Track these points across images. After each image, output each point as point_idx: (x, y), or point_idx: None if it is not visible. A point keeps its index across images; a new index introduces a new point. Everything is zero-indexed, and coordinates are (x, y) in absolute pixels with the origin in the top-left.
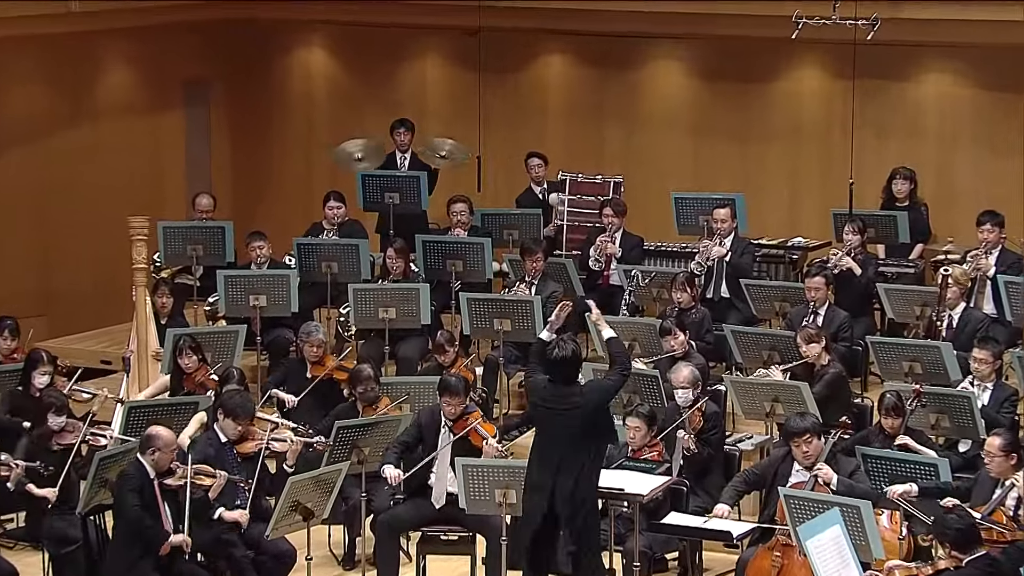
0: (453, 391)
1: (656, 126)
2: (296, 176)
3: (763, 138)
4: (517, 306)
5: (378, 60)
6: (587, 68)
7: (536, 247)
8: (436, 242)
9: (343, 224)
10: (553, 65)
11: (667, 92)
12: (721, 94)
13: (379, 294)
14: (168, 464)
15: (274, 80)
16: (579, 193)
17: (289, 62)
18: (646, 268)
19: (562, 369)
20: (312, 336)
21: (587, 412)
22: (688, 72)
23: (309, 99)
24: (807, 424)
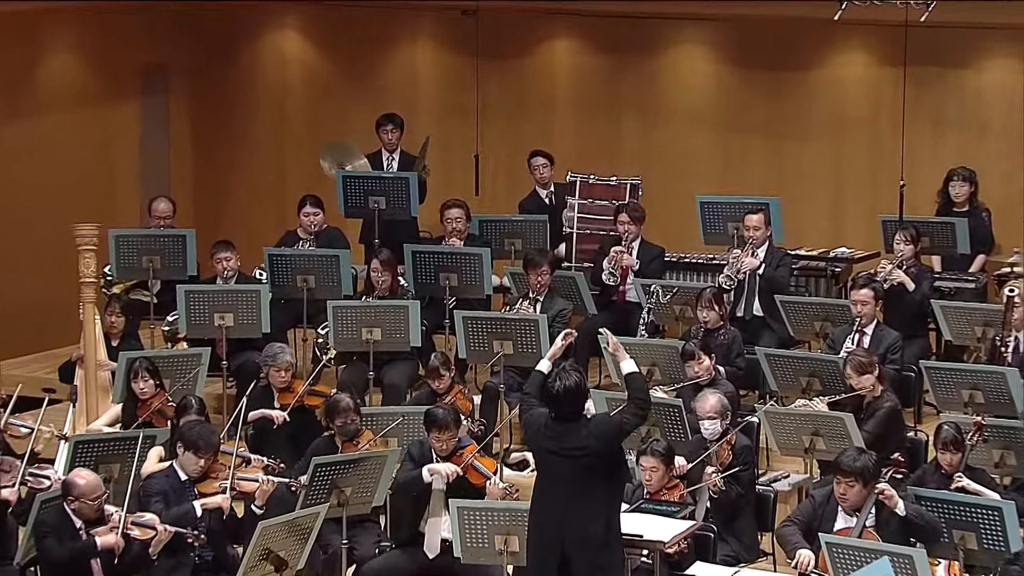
0: (441, 425)
1: (679, 120)
2: (268, 177)
3: (801, 134)
4: (520, 326)
5: (361, 44)
6: (600, 54)
7: (542, 259)
8: (428, 253)
9: (321, 232)
10: (561, 51)
11: (691, 81)
12: (753, 83)
13: (362, 312)
14: (94, 513)
15: (242, 67)
16: (591, 197)
17: (260, 47)
18: (667, 282)
19: (564, 404)
20: (278, 359)
21: (596, 455)
22: (715, 58)
23: (283, 89)
24: (859, 466)
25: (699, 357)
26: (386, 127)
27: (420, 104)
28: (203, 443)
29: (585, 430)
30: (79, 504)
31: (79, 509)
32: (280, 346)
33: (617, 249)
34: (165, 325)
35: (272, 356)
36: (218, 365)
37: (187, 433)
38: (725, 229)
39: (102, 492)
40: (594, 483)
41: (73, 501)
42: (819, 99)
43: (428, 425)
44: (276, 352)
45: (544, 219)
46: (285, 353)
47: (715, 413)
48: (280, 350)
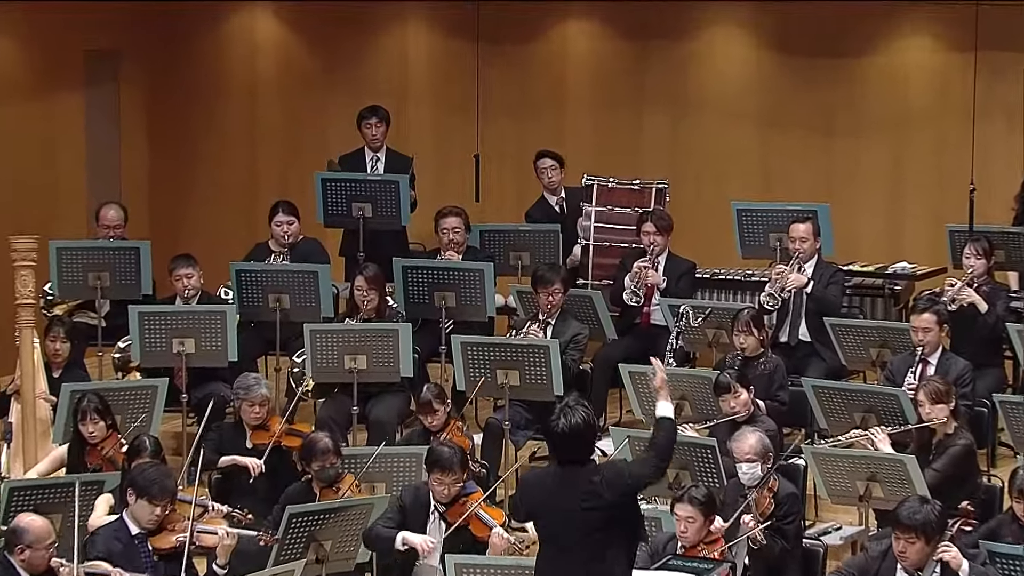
0: (446, 466)
1: (712, 115)
2: (235, 181)
3: (855, 130)
4: (528, 353)
5: (344, 27)
6: (620, 39)
7: (553, 275)
8: (421, 268)
9: (297, 244)
10: (575, 35)
11: (726, 70)
12: (799, 72)
13: (345, 337)
14: (46, 564)
15: (206, 53)
16: (610, 203)
17: (227, 30)
18: (699, 303)
19: (569, 447)
20: (252, 392)
21: (607, 507)
22: (755, 43)
23: (253, 78)
24: (921, 520)
25: (736, 390)
26: (369, 120)
27: (411, 96)
28: (158, 489)
29: (597, 476)
30: (30, 553)
31: (30, 560)
32: (256, 376)
33: (641, 264)
34: (115, 352)
35: (245, 388)
36: (177, 399)
37: (139, 477)
38: (766, 241)
39: (54, 539)
40: (605, 542)
41: (23, 551)
42: (876, 90)
43: (430, 466)
44: (250, 384)
45: (556, 229)
46: (261, 385)
47: (754, 455)
48: (255, 381)
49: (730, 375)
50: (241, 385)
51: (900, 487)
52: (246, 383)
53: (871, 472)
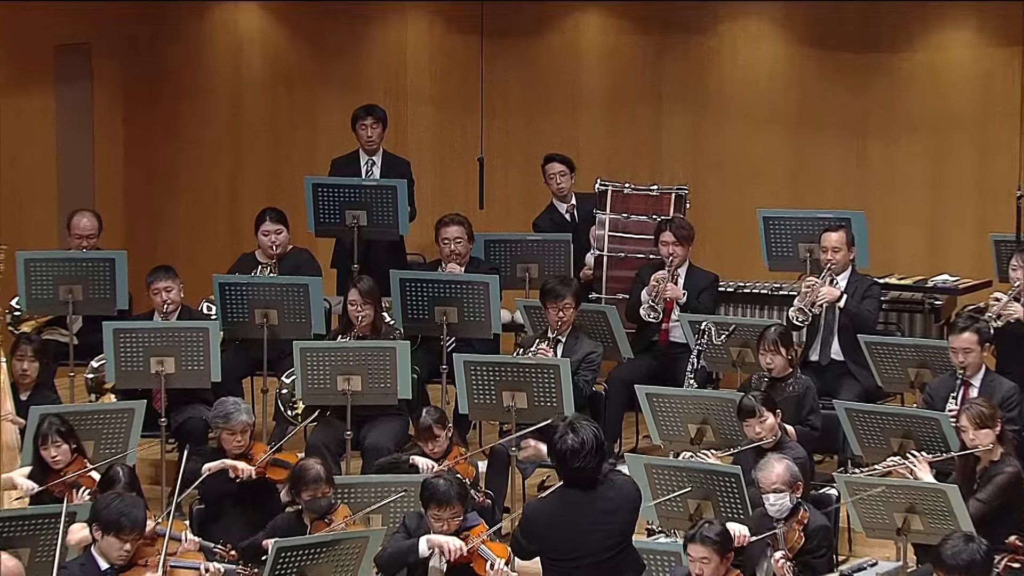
0: (442, 500)
1: (737, 115)
2: (218, 186)
3: (892, 132)
4: (536, 374)
5: (336, 20)
6: (636, 34)
7: (564, 289)
8: (420, 282)
9: (286, 255)
10: (588, 30)
11: (753, 67)
12: (831, 69)
13: (338, 356)
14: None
15: (187, 48)
16: (626, 211)
17: (209, 23)
18: (722, 319)
19: (581, 466)
20: (233, 418)
21: (624, 527)
22: (783, 38)
23: (237, 76)
24: (966, 560)
25: (761, 414)
26: (365, 121)
27: (410, 94)
28: (126, 521)
29: (612, 492)
30: None
31: None
32: (235, 401)
33: (659, 277)
34: (88, 372)
35: (224, 415)
36: (155, 423)
37: (104, 511)
38: (795, 252)
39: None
40: (620, 566)
41: None
42: (914, 88)
43: (426, 500)
44: (229, 410)
45: (567, 239)
46: (241, 411)
47: (783, 484)
48: (235, 407)
49: (755, 398)
50: (220, 412)
51: (941, 519)
52: (225, 410)
53: (910, 503)
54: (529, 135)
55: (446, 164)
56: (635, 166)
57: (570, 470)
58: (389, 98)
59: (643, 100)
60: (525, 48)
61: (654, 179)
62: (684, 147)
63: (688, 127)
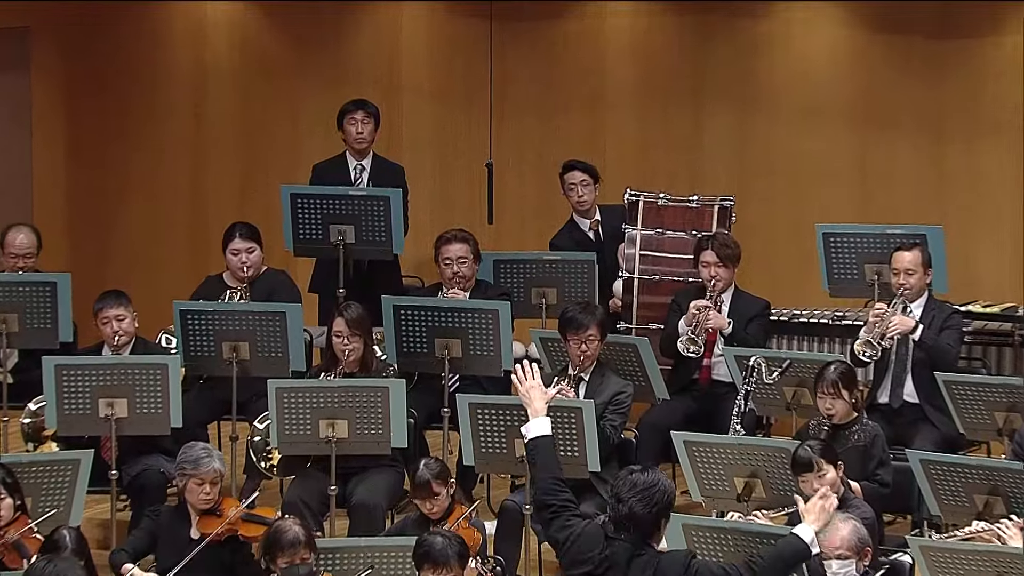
0: (439, 560)
1: (791, 113)
2: (179, 195)
3: (974, 131)
4: (555, 417)
5: (320, 2)
6: (672, 16)
7: (587, 318)
8: (417, 309)
9: (259, 278)
10: (615, 12)
11: (811, 55)
12: (903, 58)
13: (320, 397)
14: None
15: (141, 32)
16: (660, 226)
17: (167, 3)
18: (774, 353)
19: (641, 518)
20: (202, 466)
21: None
22: (846, 21)
23: (199, 65)
24: None
25: (821, 467)
26: (353, 115)
27: (405, 88)
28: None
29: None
30: None
31: None
32: (205, 447)
33: (700, 304)
34: (26, 416)
35: (193, 461)
36: (105, 476)
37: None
38: (861, 274)
39: None
40: None
41: None
42: (1001, 81)
43: (419, 560)
44: (199, 456)
45: (591, 258)
46: (213, 457)
47: (848, 550)
48: (205, 452)
49: (813, 448)
50: (187, 458)
51: None
52: (194, 455)
53: (997, 571)
54: (545, 136)
55: (448, 170)
56: (671, 173)
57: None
58: (380, 92)
59: (680, 95)
60: (541, 34)
61: (693, 188)
62: (729, 151)
63: (733, 127)
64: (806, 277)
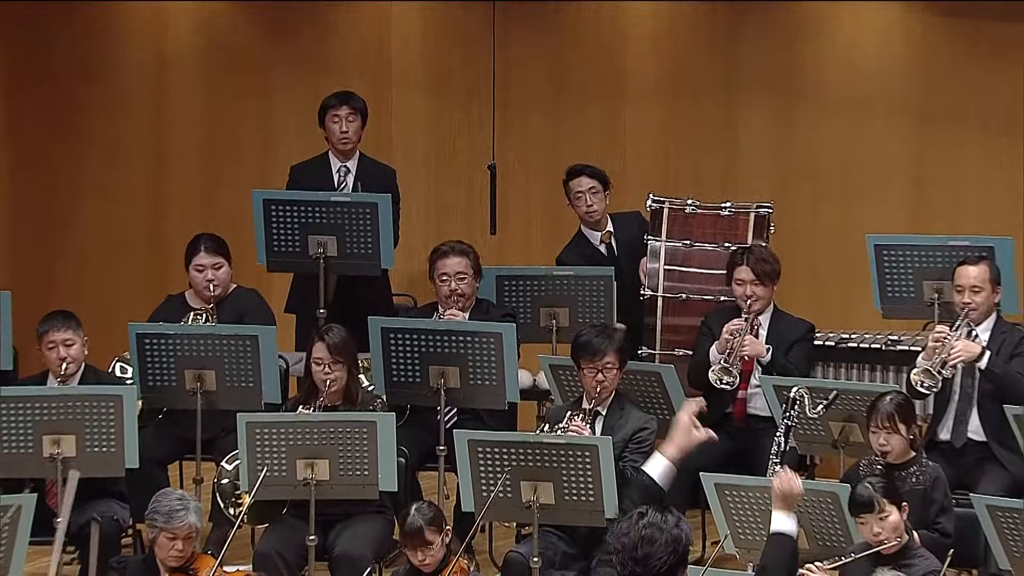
0: None
1: (839, 107)
2: (135, 203)
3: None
4: (567, 457)
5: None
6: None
7: (604, 343)
8: (409, 332)
9: (227, 298)
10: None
11: (860, 42)
12: (968, 43)
13: (298, 434)
14: None
15: (92, 17)
16: (688, 237)
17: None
18: (819, 383)
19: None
20: (176, 520)
21: None
22: (902, 4)
23: (159, 54)
24: None
25: (882, 508)
26: (338, 111)
27: (395, 80)
28: None
29: None
30: None
31: None
32: (181, 496)
33: (734, 327)
34: None
35: (166, 514)
36: (50, 525)
37: None
38: (919, 292)
39: None
40: None
41: None
42: None
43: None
44: (173, 507)
45: (608, 274)
46: (189, 510)
47: None
48: (180, 504)
49: (873, 485)
50: (159, 509)
51: None
52: (167, 506)
53: None
54: (555, 134)
55: (444, 173)
56: (700, 177)
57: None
58: (367, 85)
59: (710, 87)
60: (551, 19)
61: (726, 194)
62: (766, 150)
63: (771, 124)
64: (856, 296)
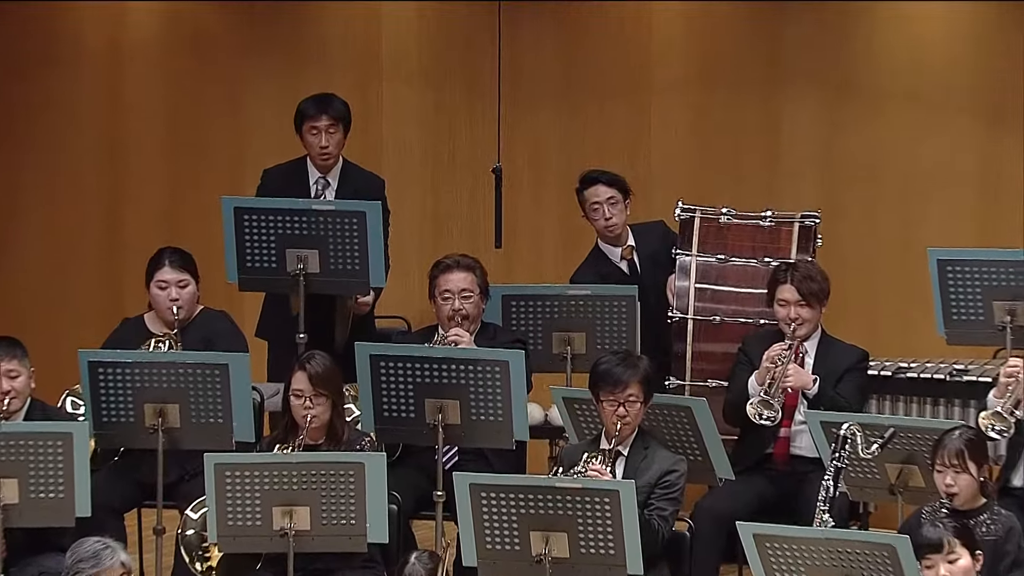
0: None
1: (897, 105)
2: (87, 211)
3: None
4: (584, 504)
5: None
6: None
7: (626, 374)
8: (403, 361)
9: (192, 321)
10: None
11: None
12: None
13: (275, 477)
14: None
15: (37, 9)
16: (722, 251)
17: None
18: (874, 419)
19: None
20: (104, 560)
21: None
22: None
23: (115, 42)
24: None
25: (952, 550)
26: (317, 123)
27: (386, 72)
28: None
29: None
30: None
31: None
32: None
33: (776, 354)
34: None
35: (92, 558)
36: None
37: None
38: (988, 313)
39: None
40: None
41: None
42: None
43: None
44: (96, 550)
45: (631, 293)
46: (114, 550)
47: None
48: (102, 545)
49: (945, 525)
50: (83, 555)
51: None
52: (89, 550)
53: None
54: (570, 134)
55: (442, 178)
56: (737, 181)
57: None
58: (354, 79)
59: (749, 81)
60: (564, 10)
61: (767, 201)
62: (813, 152)
63: (819, 122)
64: (916, 318)
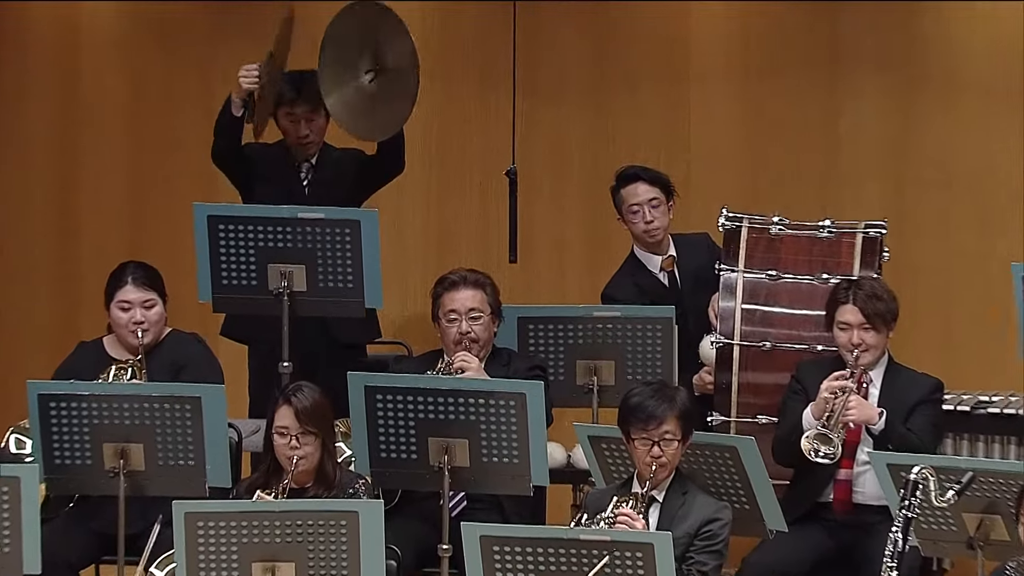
0: None
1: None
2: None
3: None
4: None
5: None
6: None
7: (662, 408)
8: (403, 393)
9: (159, 346)
10: None
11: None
12: None
13: (255, 528)
14: None
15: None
16: (774, 267)
17: None
18: (949, 461)
19: None
20: None
21: None
22: None
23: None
24: None
25: None
26: (293, 109)
27: None
28: None
29: None
30: None
31: None
32: None
33: (836, 385)
34: None
35: None
36: None
37: None
38: None
39: None
40: None
41: None
42: None
43: None
44: None
45: (668, 314)
46: None
47: None
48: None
49: None
50: None
51: None
52: None
53: None
54: (597, 129)
55: (449, 182)
56: (789, 186)
57: None
58: None
59: (805, 70)
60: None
61: (824, 210)
62: (878, 152)
63: (886, 117)
64: (997, 346)
